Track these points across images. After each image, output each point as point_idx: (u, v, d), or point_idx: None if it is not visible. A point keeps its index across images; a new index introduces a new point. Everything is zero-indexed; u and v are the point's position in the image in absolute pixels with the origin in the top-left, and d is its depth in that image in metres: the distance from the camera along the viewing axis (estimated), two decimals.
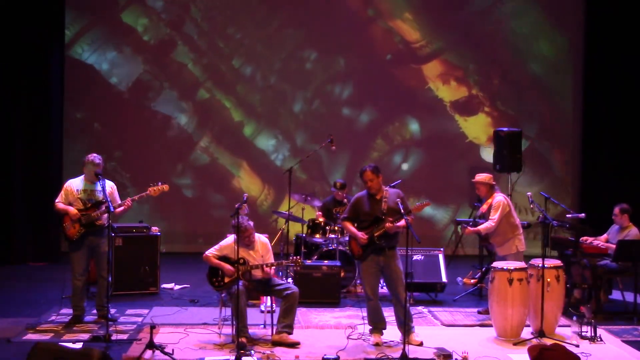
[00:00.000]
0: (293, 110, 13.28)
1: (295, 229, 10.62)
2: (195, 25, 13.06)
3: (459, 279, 10.75)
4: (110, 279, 8.23)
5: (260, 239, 7.83)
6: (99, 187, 8.05)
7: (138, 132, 12.97)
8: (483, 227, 8.36)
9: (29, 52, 11.75)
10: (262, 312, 8.30)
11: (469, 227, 8.61)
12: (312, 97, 13.31)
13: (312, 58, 13.25)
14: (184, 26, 13.06)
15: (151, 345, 6.98)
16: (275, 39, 13.18)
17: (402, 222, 7.34)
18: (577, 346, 7.50)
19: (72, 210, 8.01)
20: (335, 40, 13.24)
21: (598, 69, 12.82)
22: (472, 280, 10.52)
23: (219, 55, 13.14)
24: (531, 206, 8.32)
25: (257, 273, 7.64)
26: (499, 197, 8.38)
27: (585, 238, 9.30)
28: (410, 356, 6.94)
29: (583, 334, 7.77)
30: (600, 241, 9.31)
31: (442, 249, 9.91)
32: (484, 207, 8.46)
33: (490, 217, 8.33)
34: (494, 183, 8.56)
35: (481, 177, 8.57)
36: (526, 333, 7.84)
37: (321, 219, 10.07)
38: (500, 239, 8.40)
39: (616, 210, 9.27)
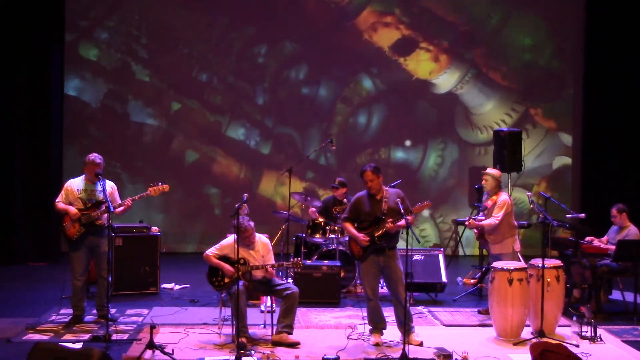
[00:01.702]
0: (259, 102, 13.11)
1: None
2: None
3: (459, 279, 10.75)
4: (110, 279, 8.23)
5: (261, 239, 7.82)
6: (99, 187, 8.05)
7: (137, 132, 13.00)
8: (486, 222, 8.39)
9: (29, 52, 11.75)
10: (262, 312, 8.30)
11: (473, 220, 8.57)
12: (271, 87, 13.11)
13: (263, 52, 13.07)
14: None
15: (151, 345, 6.97)
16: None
17: (402, 222, 7.34)
18: (577, 346, 7.49)
19: (72, 210, 8.01)
20: (268, 24, 13.04)
21: (598, 69, 12.82)
22: (472, 280, 10.52)
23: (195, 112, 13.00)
24: (531, 206, 8.33)
25: (257, 273, 7.64)
26: (504, 197, 8.46)
27: (590, 238, 9.31)
28: (410, 356, 6.94)
29: (583, 334, 7.77)
30: (601, 242, 9.32)
31: (442, 249, 9.91)
32: (489, 202, 8.47)
33: (494, 215, 8.37)
34: (501, 180, 8.63)
35: (493, 171, 8.66)
36: (526, 333, 7.84)
37: (320, 219, 10.07)
38: (497, 237, 8.43)
39: (613, 211, 9.28)
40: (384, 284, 7.87)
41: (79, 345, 6.60)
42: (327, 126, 13.14)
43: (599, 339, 7.71)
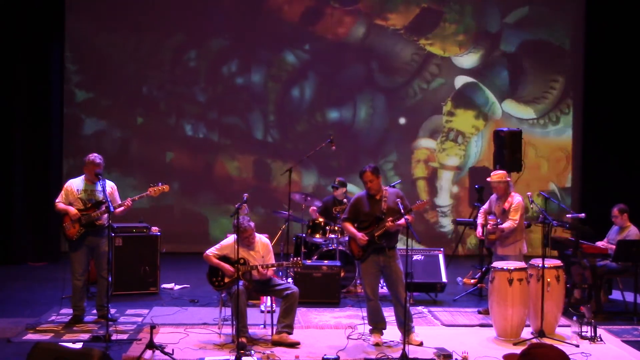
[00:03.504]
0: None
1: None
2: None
3: (459, 279, 10.75)
4: (110, 279, 8.22)
5: (261, 239, 7.82)
6: (99, 187, 8.05)
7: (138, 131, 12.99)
8: (506, 225, 8.30)
9: (29, 52, 11.74)
10: (262, 312, 8.30)
11: (499, 226, 8.41)
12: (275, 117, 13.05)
13: (233, 69, 12.95)
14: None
15: (151, 345, 6.97)
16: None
17: (402, 221, 7.34)
18: (577, 346, 7.50)
19: (72, 210, 8.01)
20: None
21: (598, 68, 12.82)
22: (472, 280, 10.52)
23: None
24: (531, 206, 8.31)
25: (257, 273, 7.64)
26: (519, 198, 8.41)
27: (598, 243, 9.29)
28: (410, 356, 6.94)
29: (583, 334, 7.77)
30: (603, 242, 9.32)
31: (442, 249, 9.90)
32: (506, 205, 8.40)
33: (510, 217, 8.30)
34: (509, 179, 8.57)
35: (498, 175, 8.55)
36: (526, 333, 7.84)
37: (321, 219, 10.07)
38: (509, 239, 8.36)
39: (615, 211, 9.27)
40: (384, 284, 7.87)
41: (79, 345, 6.58)
42: (266, 109, 13.02)
43: (599, 339, 7.71)
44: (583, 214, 9.63)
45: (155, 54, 12.89)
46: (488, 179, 8.68)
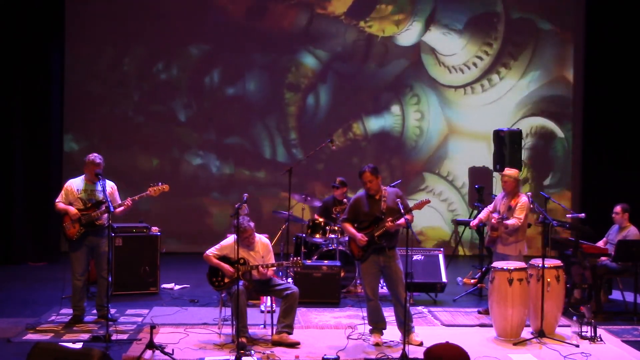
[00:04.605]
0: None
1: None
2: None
3: (459, 279, 10.75)
4: (110, 279, 8.22)
5: (261, 239, 7.82)
6: (99, 187, 8.05)
7: (138, 130, 12.98)
8: (511, 222, 8.26)
9: (28, 53, 11.73)
10: (262, 312, 8.30)
11: (503, 221, 8.42)
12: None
13: (216, 79, 12.54)
14: None
15: (151, 345, 6.98)
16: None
17: (402, 221, 7.34)
18: (577, 346, 7.50)
19: (72, 210, 8.01)
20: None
21: (599, 68, 12.82)
22: (472, 280, 10.53)
23: None
24: (531, 206, 8.31)
25: (257, 273, 7.64)
26: (525, 198, 8.39)
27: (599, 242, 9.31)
28: (410, 356, 6.94)
29: (583, 334, 7.77)
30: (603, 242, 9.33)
31: (442, 249, 9.91)
32: (513, 203, 8.39)
33: (516, 216, 8.27)
34: (520, 179, 8.58)
35: (512, 171, 8.57)
36: (526, 333, 7.84)
37: (321, 219, 10.06)
38: (511, 239, 8.35)
39: (617, 209, 9.27)
40: (384, 284, 7.87)
41: (79, 345, 6.59)
42: (285, 125, 12.45)
43: (599, 339, 7.71)
44: (583, 214, 9.65)
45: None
46: (500, 173, 8.71)
